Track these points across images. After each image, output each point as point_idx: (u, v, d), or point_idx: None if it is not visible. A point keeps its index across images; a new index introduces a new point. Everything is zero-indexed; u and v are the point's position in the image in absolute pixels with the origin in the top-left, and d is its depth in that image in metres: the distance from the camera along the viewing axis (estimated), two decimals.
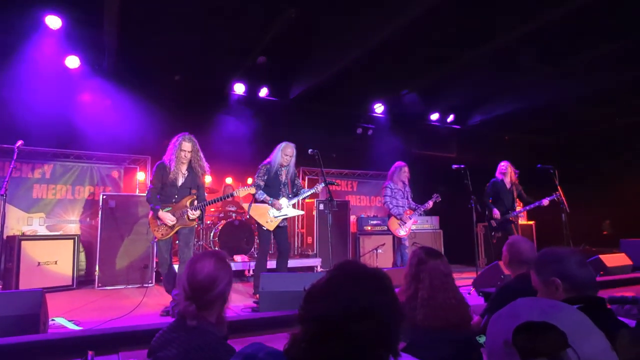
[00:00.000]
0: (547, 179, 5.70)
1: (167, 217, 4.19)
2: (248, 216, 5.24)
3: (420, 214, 6.14)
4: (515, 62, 6.10)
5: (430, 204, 5.90)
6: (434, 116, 8.71)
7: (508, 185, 5.98)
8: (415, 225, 7.84)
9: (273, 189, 4.77)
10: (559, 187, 5.57)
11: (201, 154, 4.36)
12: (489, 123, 8.78)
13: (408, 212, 5.92)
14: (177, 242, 4.50)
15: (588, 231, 8.36)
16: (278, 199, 4.76)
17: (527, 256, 2.44)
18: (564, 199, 5.52)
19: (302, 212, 5.46)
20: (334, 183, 5.49)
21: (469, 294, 4.84)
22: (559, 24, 5.06)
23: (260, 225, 4.74)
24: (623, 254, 5.64)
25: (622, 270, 5.29)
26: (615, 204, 8.15)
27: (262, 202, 4.72)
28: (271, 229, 4.71)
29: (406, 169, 5.98)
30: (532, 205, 5.86)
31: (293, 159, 4.86)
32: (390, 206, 5.84)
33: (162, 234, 4.22)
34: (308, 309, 0.89)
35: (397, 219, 5.83)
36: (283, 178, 4.86)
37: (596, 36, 5.44)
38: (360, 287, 0.87)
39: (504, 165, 6.06)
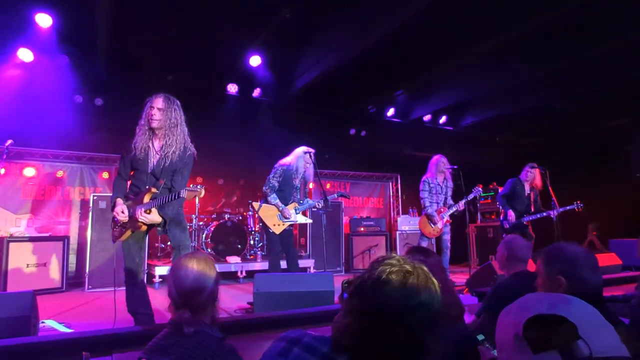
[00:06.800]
0: (540, 180, 5.76)
1: (118, 212, 3.17)
2: (257, 215, 5.09)
3: (454, 213, 5.65)
4: (507, 64, 6.16)
5: (461, 205, 5.49)
6: (427, 117, 8.77)
7: (527, 190, 5.72)
8: (407, 227, 7.93)
9: (286, 192, 4.67)
10: (550, 188, 5.63)
11: (184, 127, 3.24)
12: (481, 124, 8.86)
13: (442, 209, 5.57)
14: (168, 242, 4.15)
15: (579, 230, 8.46)
16: (289, 203, 4.65)
17: (523, 255, 2.46)
18: (555, 199, 5.57)
19: (310, 220, 5.34)
20: (346, 196, 5.32)
21: (463, 294, 4.85)
22: (550, 26, 5.13)
23: (267, 227, 4.65)
24: (613, 254, 5.73)
25: (612, 270, 5.37)
26: (606, 205, 8.25)
27: (275, 205, 4.62)
28: (277, 232, 4.60)
29: (445, 159, 5.65)
30: (538, 215, 5.60)
31: (312, 166, 4.76)
32: (427, 203, 5.52)
33: (115, 235, 3.31)
34: (359, 301, 0.91)
35: (429, 219, 5.53)
36: (297, 182, 4.74)
37: (586, 38, 5.52)
38: (413, 282, 0.91)
39: (532, 171, 5.67)
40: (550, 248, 1.68)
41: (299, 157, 4.66)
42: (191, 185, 2.95)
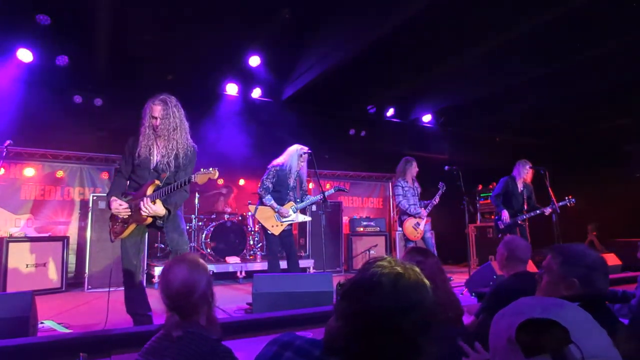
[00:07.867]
0: (539, 180, 5.76)
1: (117, 207, 3.18)
2: (253, 217, 5.03)
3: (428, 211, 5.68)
4: (507, 64, 6.15)
5: (437, 199, 5.54)
6: (426, 117, 8.76)
7: (520, 187, 5.71)
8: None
9: (281, 193, 4.61)
10: (549, 189, 5.62)
11: (185, 125, 3.32)
12: (481, 124, 8.85)
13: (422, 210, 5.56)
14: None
15: (579, 230, 8.46)
16: (285, 203, 4.60)
17: (523, 255, 2.45)
18: (554, 199, 5.57)
19: (309, 218, 5.28)
20: (344, 190, 5.31)
21: (462, 294, 4.86)
22: (550, 26, 5.12)
23: (265, 229, 4.63)
24: (613, 254, 5.72)
25: (612, 270, 5.36)
26: (606, 205, 8.24)
27: (270, 207, 4.58)
28: (276, 233, 4.57)
29: (415, 163, 5.67)
30: (532, 213, 5.61)
31: (305, 164, 4.70)
32: (407, 205, 5.50)
33: (116, 232, 3.30)
34: (351, 304, 0.91)
35: (416, 217, 5.51)
36: (292, 182, 4.67)
37: (586, 38, 5.51)
38: (405, 283, 0.90)
39: (525, 168, 5.68)
40: (569, 249, 1.65)
41: (292, 156, 4.59)
42: (202, 169, 3.00)
